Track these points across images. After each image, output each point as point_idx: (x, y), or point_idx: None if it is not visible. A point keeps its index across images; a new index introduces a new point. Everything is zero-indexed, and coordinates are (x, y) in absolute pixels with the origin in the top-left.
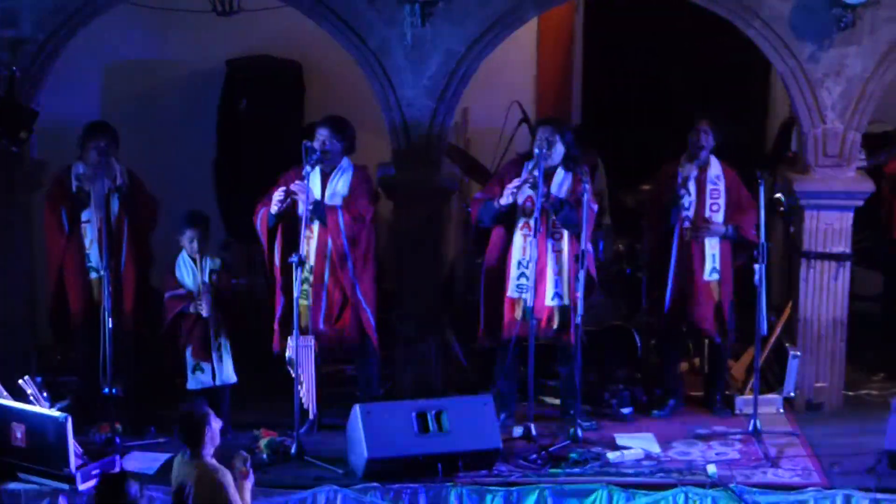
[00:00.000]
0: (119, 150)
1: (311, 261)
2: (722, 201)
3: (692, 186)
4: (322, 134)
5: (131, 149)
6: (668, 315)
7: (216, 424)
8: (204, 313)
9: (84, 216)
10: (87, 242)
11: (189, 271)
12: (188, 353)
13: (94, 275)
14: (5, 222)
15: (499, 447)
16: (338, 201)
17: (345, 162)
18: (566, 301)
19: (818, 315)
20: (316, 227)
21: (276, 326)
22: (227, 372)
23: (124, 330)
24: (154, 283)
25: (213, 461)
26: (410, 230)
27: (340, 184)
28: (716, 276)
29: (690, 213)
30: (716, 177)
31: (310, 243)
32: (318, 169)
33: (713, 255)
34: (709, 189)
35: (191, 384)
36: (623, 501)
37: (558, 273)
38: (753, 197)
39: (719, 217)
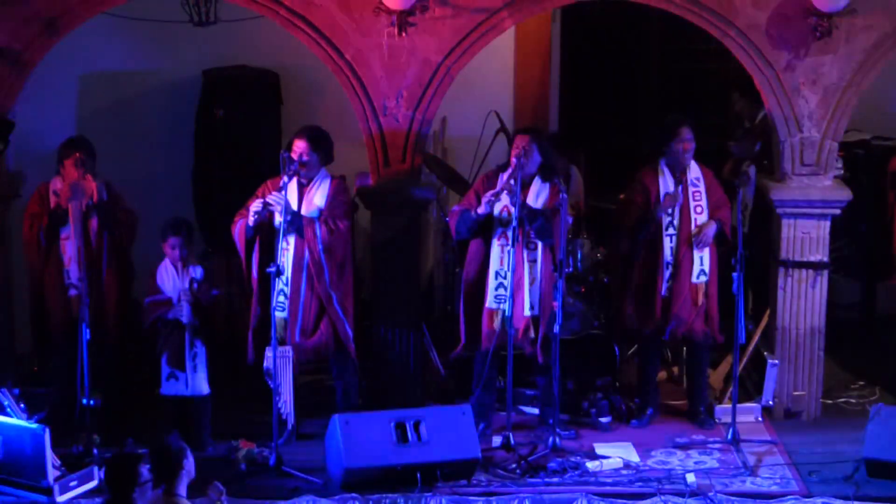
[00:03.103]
0: (96, 165)
1: (288, 273)
2: (704, 202)
3: (679, 191)
4: (300, 146)
5: (108, 160)
6: (653, 321)
7: (191, 459)
8: (184, 320)
9: (63, 233)
10: (66, 259)
11: (170, 278)
12: (163, 359)
13: (73, 292)
14: None
15: (478, 457)
16: (315, 213)
17: (322, 173)
18: (538, 311)
19: (796, 323)
20: (292, 239)
21: (250, 337)
22: (201, 383)
23: (106, 343)
24: (135, 294)
25: (185, 501)
26: (388, 240)
27: (318, 195)
28: (703, 279)
29: (675, 218)
30: (696, 178)
31: (286, 255)
32: (294, 180)
33: (701, 258)
34: (691, 192)
35: (164, 390)
36: None
37: (532, 283)
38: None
39: (703, 218)
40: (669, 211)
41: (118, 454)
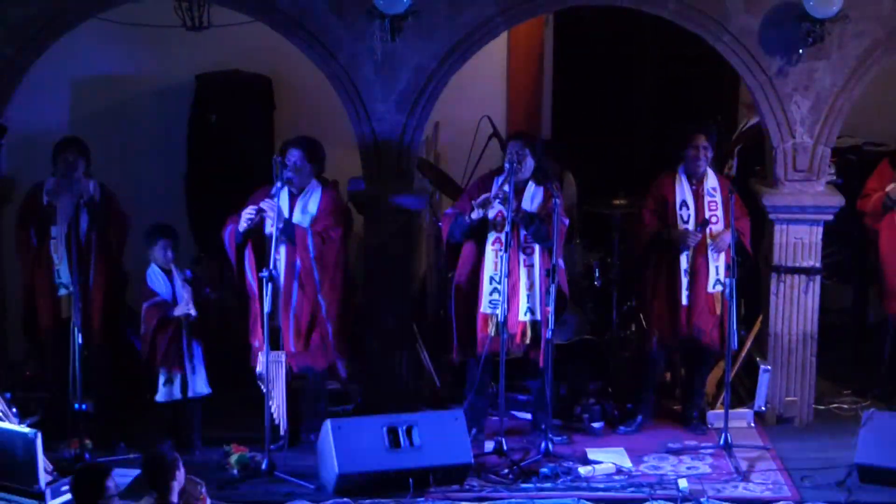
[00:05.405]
0: (91, 165)
1: (281, 280)
2: (720, 212)
3: (690, 201)
4: (294, 154)
5: (101, 164)
6: (669, 329)
7: (182, 469)
8: (192, 312)
9: (53, 232)
10: (56, 258)
11: (162, 282)
12: (160, 365)
13: (62, 291)
14: None
15: (470, 462)
16: (307, 221)
17: (313, 183)
18: (538, 316)
19: (788, 329)
20: (284, 246)
21: (255, 343)
22: (200, 383)
23: (94, 345)
24: (129, 301)
25: None
26: (381, 244)
27: (311, 203)
28: (719, 288)
29: (690, 225)
30: (712, 188)
31: (278, 263)
32: (286, 188)
33: (717, 267)
34: (707, 201)
35: (160, 397)
36: None
37: (530, 288)
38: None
39: (719, 227)
40: (685, 217)
41: (84, 466)
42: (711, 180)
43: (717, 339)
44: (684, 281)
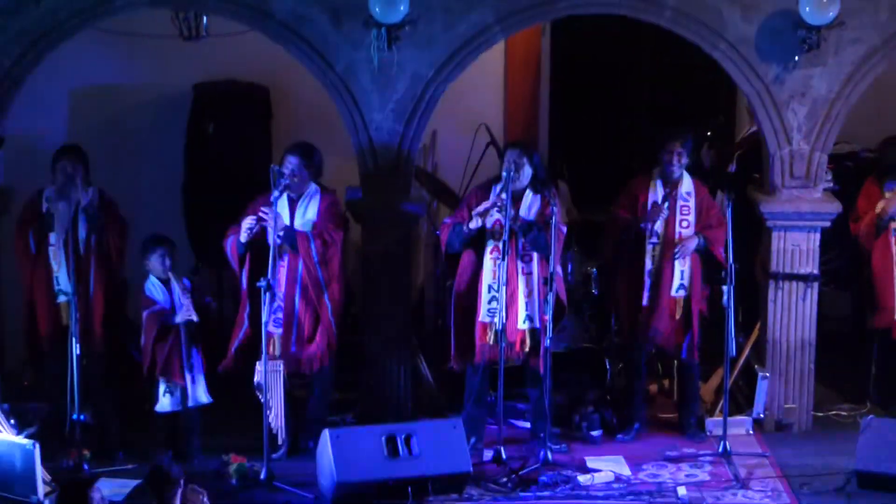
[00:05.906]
0: (89, 173)
1: (283, 288)
2: (692, 217)
3: (665, 206)
4: (291, 161)
5: (99, 174)
6: (636, 332)
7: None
8: (194, 317)
9: (52, 239)
10: (54, 265)
11: (160, 291)
12: (160, 376)
13: (62, 298)
14: None
15: (469, 471)
16: (308, 227)
17: (312, 187)
18: (537, 324)
19: (786, 336)
20: (286, 253)
21: (231, 350)
22: (200, 393)
23: (93, 353)
24: (129, 312)
25: None
26: (379, 253)
27: (310, 209)
28: (682, 293)
29: (658, 228)
30: (686, 193)
31: (281, 271)
32: (285, 195)
33: (682, 272)
34: (679, 205)
35: (160, 407)
36: None
37: (528, 295)
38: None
39: (689, 232)
40: (655, 219)
41: (69, 481)
42: (686, 185)
43: (675, 344)
44: (647, 282)
